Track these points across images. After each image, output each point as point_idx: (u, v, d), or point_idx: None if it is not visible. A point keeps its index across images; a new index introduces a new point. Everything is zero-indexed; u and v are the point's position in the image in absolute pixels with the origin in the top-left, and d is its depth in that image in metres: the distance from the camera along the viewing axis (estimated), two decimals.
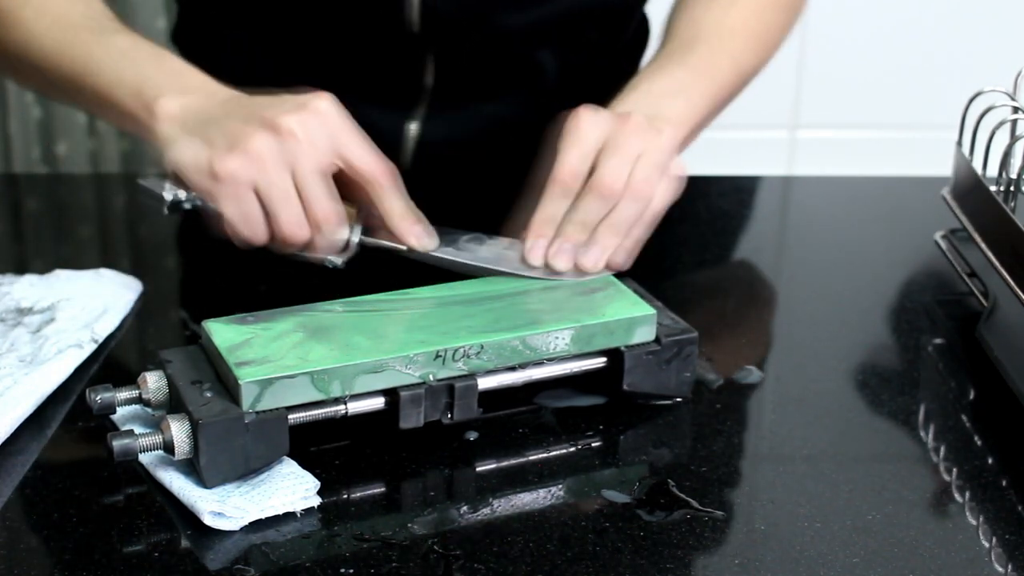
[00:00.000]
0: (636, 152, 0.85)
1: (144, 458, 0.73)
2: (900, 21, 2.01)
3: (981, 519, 0.73)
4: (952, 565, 0.69)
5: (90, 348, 0.84)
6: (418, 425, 0.75)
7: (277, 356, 0.73)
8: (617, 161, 0.84)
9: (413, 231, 0.85)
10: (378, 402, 0.75)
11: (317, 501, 0.72)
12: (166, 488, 0.72)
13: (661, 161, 0.86)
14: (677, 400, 0.82)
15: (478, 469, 0.76)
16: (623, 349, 0.79)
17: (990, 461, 0.78)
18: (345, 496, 0.73)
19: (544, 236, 0.84)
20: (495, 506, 0.73)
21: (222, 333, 0.75)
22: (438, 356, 0.75)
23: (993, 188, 0.90)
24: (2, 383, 0.78)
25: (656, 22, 1.15)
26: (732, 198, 1.15)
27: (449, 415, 0.76)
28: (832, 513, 0.72)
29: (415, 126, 1.11)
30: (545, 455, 0.77)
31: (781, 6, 1.06)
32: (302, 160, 0.81)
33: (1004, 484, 0.76)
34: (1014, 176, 0.90)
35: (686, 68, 0.96)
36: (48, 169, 1.89)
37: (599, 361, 0.80)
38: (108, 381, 0.76)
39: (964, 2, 2.00)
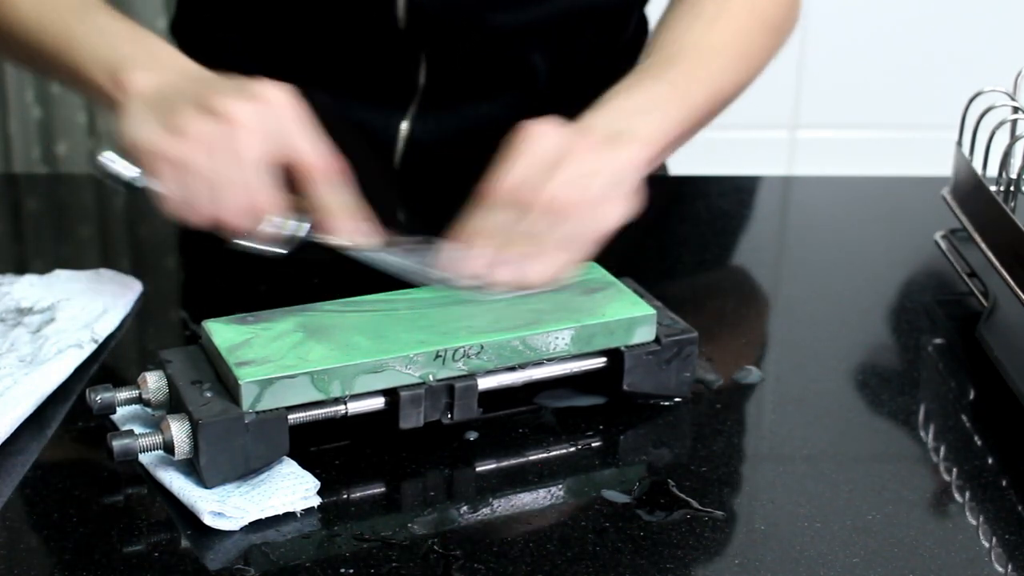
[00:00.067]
0: (590, 169, 0.83)
1: (144, 458, 0.73)
2: (900, 21, 2.01)
3: (981, 519, 0.73)
4: (952, 565, 0.69)
5: (90, 348, 0.84)
6: (418, 425, 0.75)
7: (277, 356, 0.73)
8: (568, 177, 0.82)
9: (347, 227, 0.82)
10: (378, 402, 0.75)
11: (317, 501, 0.72)
12: (166, 488, 0.72)
13: (616, 180, 0.84)
14: (677, 400, 0.82)
15: (478, 469, 0.76)
16: (623, 349, 0.79)
17: (990, 461, 0.78)
18: (345, 496, 0.73)
19: (486, 247, 0.82)
20: (495, 506, 0.73)
21: (222, 333, 0.75)
22: (438, 356, 0.75)
23: (993, 188, 0.91)
24: (2, 383, 0.78)
25: (655, 22, 1.14)
26: (732, 198, 1.15)
27: (449, 415, 0.76)
28: (832, 513, 0.72)
29: (406, 125, 1.11)
30: (545, 455, 0.77)
31: (767, 28, 1.04)
32: (244, 148, 0.80)
33: (1004, 484, 0.76)
34: (1014, 176, 0.90)
35: (662, 84, 0.94)
36: (48, 169, 1.89)
37: (599, 361, 0.80)
38: (108, 381, 0.77)
39: (964, 2, 2.00)
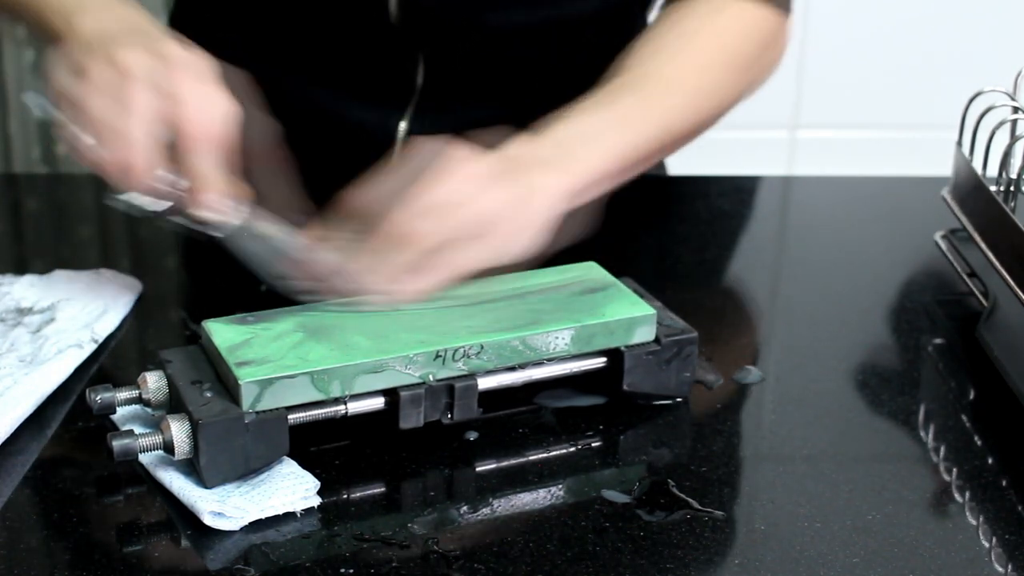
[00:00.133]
0: (437, 200, 0.80)
1: (144, 458, 0.73)
2: (900, 21, 2.01)
3: (981, 519, 0.73)
4: (952, 565, 0.69)
5: (90, 348, 0.84)
6: (418, 425, 0.75)
7: (277, 356, 0.73)
8: (428, 205, 0.79)
9: (206, 199, 0.81)
10: (378, 402, 0.75)
11: (317, 501, 0.72)
12: (166, 488, 0.72)
13: (465, 220, 0.80)
14: (677, 400, 0.82)
15: (478, 469, 0.76)
16: (623, 349, 0.79)
17: (990, 461, 0.78)
18: (345, 496, 0.73)
19: (328, 250, 0.81)
20: (495, 506, 0.73)
21: (222, 333, 0.75)
22: (438, 356, 0.75)
23: (993, 188, 0.91)
24: (2, 383, 0.78)
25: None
26: (732, 198, 1.15)
27: (449, 415, 0.76)
28: (832, 513, 0.72)
29: (405, 125, 1.11)
30: (545, 455, 0.77)
31: (735, 66, 1.01)
32: (130, 99, 0.80)
33: (1004, 484, 0.75)
34: (1014, 176, 0.90)
35: (608, 114, 0.91)
36: (48, 169, 1.88)
37: (599, 361, 0.80)
38: (108, 381, 0.77)
39: (964, 2, 2.00)
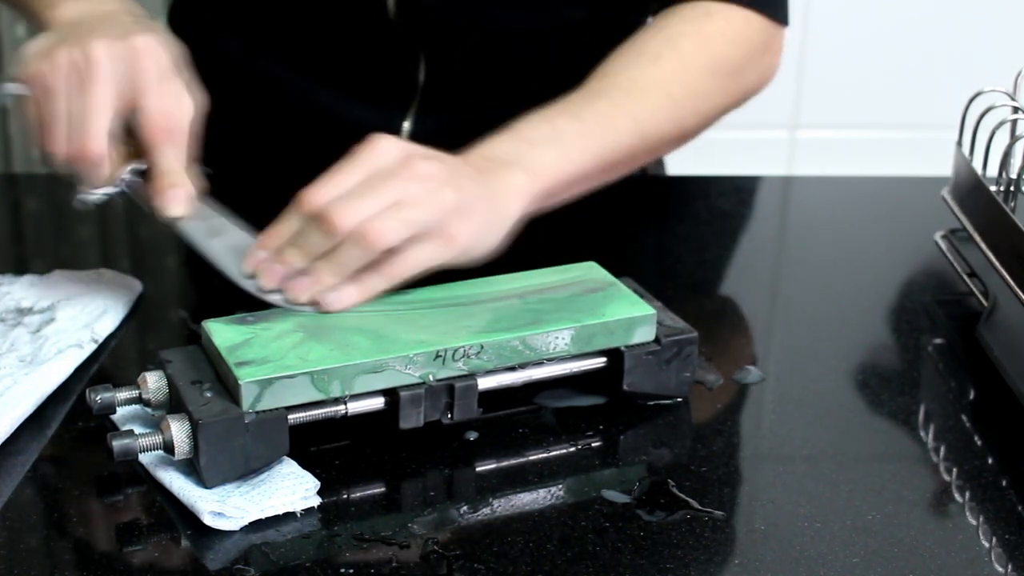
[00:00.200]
0: (395, 198, 0.78)
1: (144, 458, 0.73)
2: (900, 21, 2.01)
3: (981, 519, 0.73)
4: (952, 565, 0.69)
5: (90, 348, 0.84)
6: (418, 425, 0.75)
7: (277, 356, 0.73)
8: (358, 199, 0.78)
9: (165, 194, 0.81)
10: (378, 402, 0.75)
11: (317, 501, 0.72)
12: (166, 488, 0.72)
13: (423, 219, 0.78)
14: (677, 400, 0.82)
15: (478, 469, 0.76)
16: (623, 349, 0.79)
17: (990, 461, 0.78)
18: (345, 496, 0.73)
19: (266, 249, 0.80)
20: (495, 506, 0.73)
21: (222, 333, 0.75)
22: (438, 356, 0.75)
23: (993, 188, 0.90)
24: (2, 383, 0.78)
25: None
26: (732, 198, 1.15)
27: (449, 415, 0.76)
28: (832, 513, 0.72)
29: (408, 124, 1.11)
30: (545, 455, 0.77)
31: (719, 72, 0.99)
32: (91, 88, 0.81)
33: (1004, 484, 0.75)
34: (1014, 176, 0.90)
35: (574, 120, 0.90)
36: (48, 169, 1.88)
37: (599, 361, 0.80)
38: (108, 381, 0.77)
39: (964, 2, 2.00)
